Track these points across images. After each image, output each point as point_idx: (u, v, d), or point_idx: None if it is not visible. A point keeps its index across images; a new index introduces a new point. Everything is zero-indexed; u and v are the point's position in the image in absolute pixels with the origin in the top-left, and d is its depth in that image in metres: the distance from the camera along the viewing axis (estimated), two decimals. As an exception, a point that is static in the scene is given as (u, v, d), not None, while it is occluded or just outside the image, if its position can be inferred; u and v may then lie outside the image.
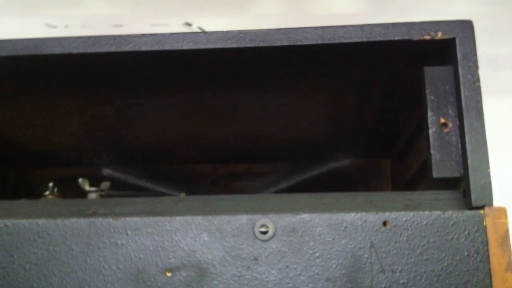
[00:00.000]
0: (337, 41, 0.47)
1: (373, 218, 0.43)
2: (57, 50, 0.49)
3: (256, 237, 0.43)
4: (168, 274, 0.43)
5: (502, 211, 0.43)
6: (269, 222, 0.44)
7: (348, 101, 0.61)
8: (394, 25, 0.47)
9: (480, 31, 0.48)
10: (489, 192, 0.43)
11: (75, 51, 0.48)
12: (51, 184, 0.67)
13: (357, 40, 0.47)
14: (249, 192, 0.79)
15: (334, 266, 0.43)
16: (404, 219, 0.43)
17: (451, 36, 0.46)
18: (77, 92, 0.58)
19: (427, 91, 0.47)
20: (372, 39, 0.47)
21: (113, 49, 0.48)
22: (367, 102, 0.61)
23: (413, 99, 0.57)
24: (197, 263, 0.43)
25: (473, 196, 0.43)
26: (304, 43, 0.47)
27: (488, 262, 0.42)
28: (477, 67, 0.45)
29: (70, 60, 0.49)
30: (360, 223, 0.43)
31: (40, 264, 0.44)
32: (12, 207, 0.47)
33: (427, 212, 0.43)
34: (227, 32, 0.48)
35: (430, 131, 0.46)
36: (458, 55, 0.46)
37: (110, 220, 0.44)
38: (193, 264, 0.43)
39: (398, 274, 0.42)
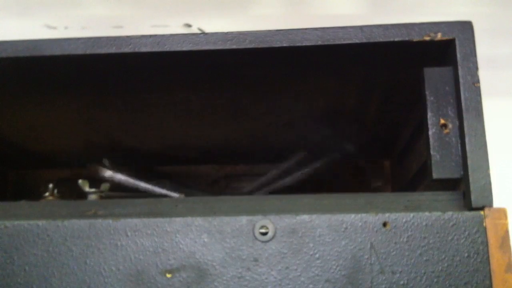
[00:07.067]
0: (337, 42, 0.47)
1: (373, 219, 0.43)
2: (57, 51, 0.49)
3: (256, 238, 0.43)
4: (168, 276, 0.43)
5: (502, 212, 0.43)
6: (269, 223, 0.44)
7: (348, 102, 0.61)
8: (393, 26, 0.47)
9: (480, 32, 0.48)
10: (489, 193, 0.43)
11: (74, 52, 0.48)
12: (51, 185, 0.67)
13: (357, 41, 0.47)
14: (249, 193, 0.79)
15: (334, 267, 0.43)
16: (404, 220, 0.43)
17: (451, 37, 0.46)
18: (77, 93, 0.58)
19: (427, 92, 0.47)
20: (372, 40, 0.47)
21: (113, 50, 0.48)
22: (367, 103, 0.61)
23: (413, 100, 0.57)
24: (197, 264, 0.43)
25: (473, 197, 0.43)
26: (304, 44, 0.47)
27: (488, 263, 0.42)
28: (477, 68, 0.46)
29: (70, 61, 0.49)
30: (360, 224, 0.43)
31: (40, 266, 0.44)
32: (12, 208, 0.47)
33: (427, 213, 0.43)
34: (227, 33, 0.48)
35: (430, 132, 0.46)
36: (458, 56, 0.46)
37: (110, 221, 0.44)
38: (193, 265, 0.43)
39: (398, 275, 0.42)
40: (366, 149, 0.77)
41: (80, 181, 0.64)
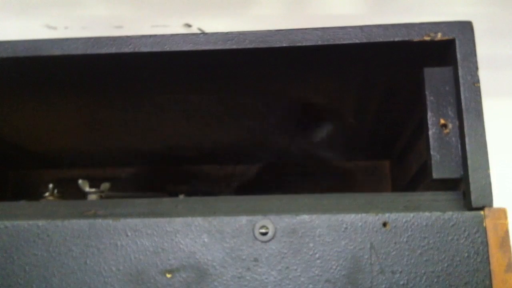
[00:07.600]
0: (337, 42, 0.47)
1: (373, 219, 0.43)
2: (57, 52, 0.49)
3: (256, 238, 0.43)
4: (168, 276, 0.43)
5: (502, 212, 0.43)
6: (269, 223, 0.44)
7: (348, 102, 0.61)
8: (393, 26, 0.47)
9: (479, 32, 0.48)
10: (489, 193, 0.43)
11: (75, 52, 0.48)
12: (51, 186, 0.67)
13: (357, 41, 0.47)
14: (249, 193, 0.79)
15: (334, 267, 0.43)
16: (404, 220, 0.43)
17: (451, 37, 0.46)
18: (77, 94, 0.58)
19: (427, 92, 0.47)
20: (372, 40, 0.47)
21: (113, 50, 0.48)
22: (367, 103, 0.61)
23: (413, 100, 0.57)
24: (197, 264, 0.43)
25: (473, 197, 0.43)
26: (304, 44, 0.47)
27: (488, 263, 0.42)
28: (477, 68, 0.45)
29: (70, 61, 0.49)
30: (360, 224, 0.43)
31: (40, 266, 0.44)
32: (12, 208, 0.47)
33: (427, 213, 0.43)
34: (227, 33, 0.48)
35: (430, 132, 0.46)
36: (458, 56, 0.46)
37: (110, 221, 0.44)
38: (193, 265, 0.43)
39: (398, 275, 0.42)
40: (366, 150, 0.77)
41: (80, 181, 0.64)
